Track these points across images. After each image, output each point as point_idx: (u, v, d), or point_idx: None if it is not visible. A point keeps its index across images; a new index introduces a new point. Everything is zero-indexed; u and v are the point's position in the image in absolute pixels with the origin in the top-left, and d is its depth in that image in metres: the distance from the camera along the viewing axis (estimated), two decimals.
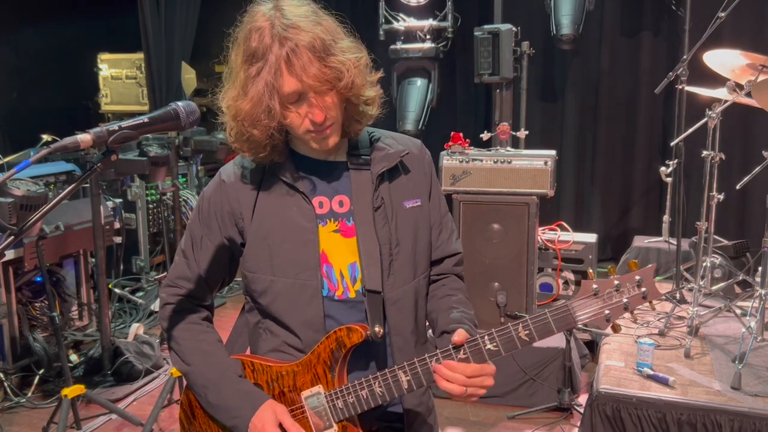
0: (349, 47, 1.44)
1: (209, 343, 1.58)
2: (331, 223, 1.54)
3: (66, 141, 1.25)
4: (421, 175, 1.62)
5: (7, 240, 1.24)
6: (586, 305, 1.39)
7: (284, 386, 1.53)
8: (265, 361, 1.56)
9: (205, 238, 1.57)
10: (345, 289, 1.53)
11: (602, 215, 5.91)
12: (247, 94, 1.41)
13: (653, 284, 1.39)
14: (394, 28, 5.65)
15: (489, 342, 1.41)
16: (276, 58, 1.37)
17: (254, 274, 1.54)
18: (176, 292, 1.60)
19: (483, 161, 3.60)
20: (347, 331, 1.47)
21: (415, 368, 1.44)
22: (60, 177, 4.50)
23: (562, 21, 5.03)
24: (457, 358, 1.42)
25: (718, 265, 3.93)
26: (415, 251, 1.58)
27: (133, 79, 6.27)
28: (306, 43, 1.37)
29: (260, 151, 1.49)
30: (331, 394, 1.49)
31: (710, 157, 3.54)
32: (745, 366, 2.91)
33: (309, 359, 1.50)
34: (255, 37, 1.39)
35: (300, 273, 1.50)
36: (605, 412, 2.84)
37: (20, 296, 3.98)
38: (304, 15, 1.40)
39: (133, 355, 3.97)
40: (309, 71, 1.37)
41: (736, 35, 4.82)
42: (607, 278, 1.40)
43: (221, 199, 1.55)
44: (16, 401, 3.71)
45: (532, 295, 3.57)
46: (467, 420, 3.46)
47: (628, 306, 1.39)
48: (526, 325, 1.40)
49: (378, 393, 1.47)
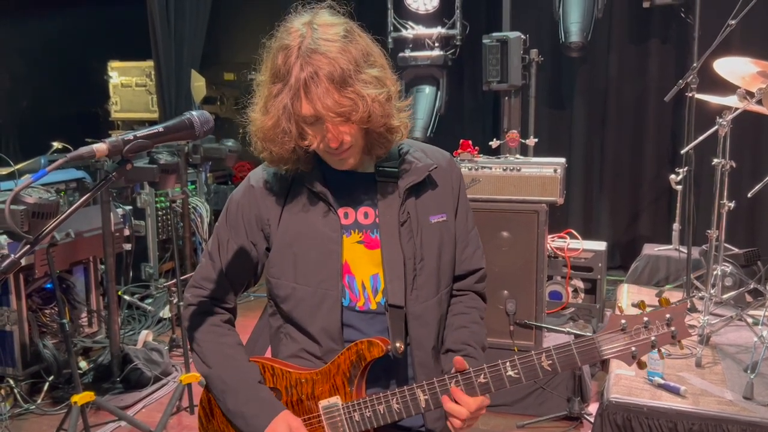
0: (372, 78, 1.42)
1: (230, 346, 1.59)
2: (355, 234, 1.54)
3: (82, 150, 1.26)
4: (448, 190, 1.62)
5: (23, 248, 1.25)
6: (613, 340, 1.38)
7: (302, 393, 1.53)
8: (286, 366, 1.56)
9: (231, 241, 1.59)
10: (366, 300, 1.54)
11: (611, 223, 5.90)
12: (268, 112, 1.44)
13: (683, 323, 1.38)
14: (402, 36, 5.67)
15: (510, 369, 1.40)
16: (296, 81, 1.39)
17: (278, 280, 1.56)
18: (200, 293, 1.61)
19: (492, 169, 3.60)
20: (368, 345, 1.48)
21: (434, 388, 1.44)
22: (70, 184, 4.53)
23: (570, 28, 5.03)
24: (477, 381, 1.41)
25: (729, 273, 3.90)
26: (439, 266, 1.58)
27: (143, 87, 6.30)
28: (326, 72, 1.37)
29: (283, 163, 1.51)
30: (348, 406, 1.50)
31: (721, 165, 3.52)
32: (757, 375, 2.89)
33: (329, 369, 1.51)
34: (281, 56, 1.41)
35: (322, 282, 1.52)
36: (616, 421, 2.82)
37: (30, 303, 3.99)
38: (334, 38, 1.40)
39: (142, 362, 3.97)
40: (325, 101, 1.37)
41: (747, 43, 4.81)
42: (637, 314, 1.38)
43: (249, 203, 1.57)
44: (26, 408, 3.72)
45: (541, 303, 3.55)
46: (477, 429, 3.44)
47: (655, 344, 1.38)
48: (549, 355, 1.39)
49: (395, 409, 1.47)
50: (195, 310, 1.61)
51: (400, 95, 1.52)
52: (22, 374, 3.81)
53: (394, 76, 1.50)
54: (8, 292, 3.77)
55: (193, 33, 5.93)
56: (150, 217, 5.36)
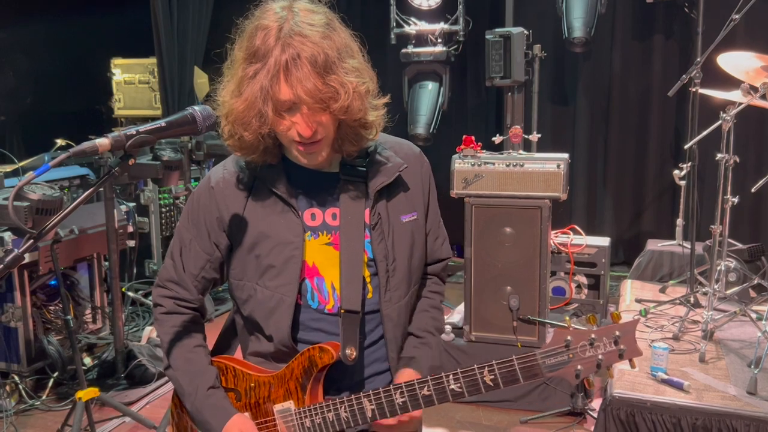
0: (354, 69, 1.37)
1: (189, 349, 1.58)
2: (323, 236, 1.51)
3: (84, 146, 1.26)
4: (418, 187, 1.59)
5: (26, 244, 1.25)
6: (556, 356, 1.30)
7: (260, 396, 1.53)
8: (247, 367, 1.56)
9: (194, 242, 1.56)
10: (336, 301, 1.51)
11: (615, 218, 5.89)
12: (242, 94, 1.37)
13: (633, 341, 1.29)
14: (405, 31, 5.65)
15: (453, 382, 1.38)
16: (275, 63, 1.32)
17: (239, 282, 1.54)
18: (165, 293, 1.60)
19: (495, 164, 3.59)
20: (319, 351, 1.47)
21: (380, 398, 1.43)
22: (74, 181, 4.54)
23: (573, 24, 5.02)
24: (421, 393, 1.40)
25: (733, 268, 3.90)
26: (410, 266, 1.56)
27: (146, 84, 6.31)
28: (309, 55, 1.31)
29: (252, 152, 1.45)
30: (300, 411, 1.49)
31: (724, 160, 3.51)
32: (760, 370, 2.88)
33: (284, 373, 1.51)
34: (260, 36, 1.34)
35: (279, 287, 1.49)
36: (619, 416, 2.82)
37: (35, 300, 4.00)
38: (316, 24, 1.34)
39: (146, 358, 3.99)
40: (305, 85, 1.31)
41: (750, 37, 4.79)
42: (584, 328, 1.31)
43: (210, 204, 1.53)
44: (31, 404, 3.73)
45: (545, 299, 3.55)
46: (480, 424, 3.45)
47: (600, 363, 1.30)
48: (491, 370, 1.35)
49: (343, 417, 1.46)
50: (160, 310, 1.61)
51: (378, 94, 1.46)
52: (26, 370, 3.83)
53: (372, 72, 1.45)
54: (13, 288, 3.78)
55: (196, 30, 5.94)
56: (153, 214, 5.38)
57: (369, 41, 1.49)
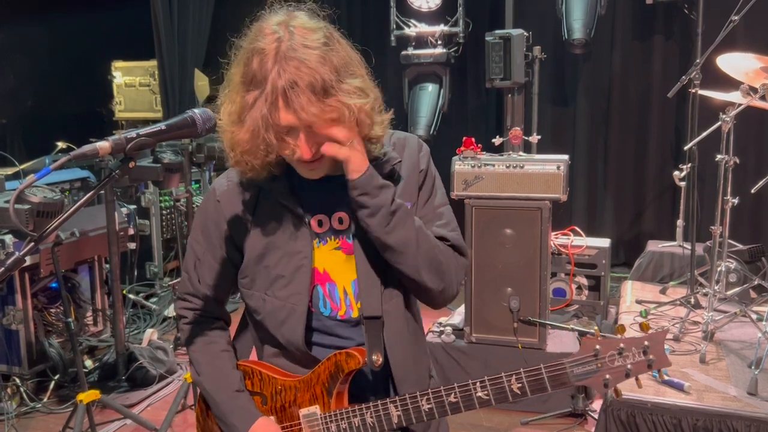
0: (356, 89, 1.35)
1: (214, 356, 1.60)
2: (331, 241, 1.51)
3: (85, 149, 1.26)
4: (414, 176, 1.54)
5: (27, 246, 1.25)
6: (585, 365, 1.31)
7: (285, 401, 1.54)
8: (273, 372, 1.57)
9: (206, 254, 1.57)
10: (348, 307, 1.51)
11: (615, 220, 5.89)
12: (244, 123, 1.35)
13: (662, 351, 1.29)
14: (405, 33, 5.66)
15: (480, 390, 1.38)
16: (273, 89, 1.30)
17: (249, 291, 1.55)
18: (186, 305, 1.64)
19: (495, 166, 3.60)
20: (346, 356, 1.47)
21: (407, 404, 1.43)
22: (75, 184, 4.55)
23: (573, 25, 5.03)
24: (447, 400, 1.40)
25: (733, 269, 3.90)
26: None
27: (147, 87, 6.32)
28: (307, 82, 1.29)
29: (260, 174, 1.44)
30: (326, 417, 1.49)
31: (724, 161, 3.51)
32: (761, 371, 2.89)
33: (310, 378, 1.51)
34: (256, 61, 1.32)
35: (290, 296, 1.49)
36: (620, 417, 2.82)
37: (36, 302, 4.01)
38: (313, 45, 1.31)
39: (147, 360, 3.99)
40: (307, 110, 1.30)
41: (750, 38, 4.79)
42: (612, 338, 1.32)
43: (218, 218, 1.54)
44: (32, 406, 3.74)
45: (545, 301, 3.55)
46: (481, 425, 3.45)
47: (629, 373, 1.30)
48: (519, 378, 1.35)
49: (369, 423, 1.46)
50: (185, 321, 1.64)
51: (383, 108, 1.45)
52: (28, 373, 3.83)
53: (374, 84, 1.43)
54: (14, 291, 3.79)
55: (197, 32, 5.95)
56: (154, 216, 5.38)
57: (369, 43, 1.50)
